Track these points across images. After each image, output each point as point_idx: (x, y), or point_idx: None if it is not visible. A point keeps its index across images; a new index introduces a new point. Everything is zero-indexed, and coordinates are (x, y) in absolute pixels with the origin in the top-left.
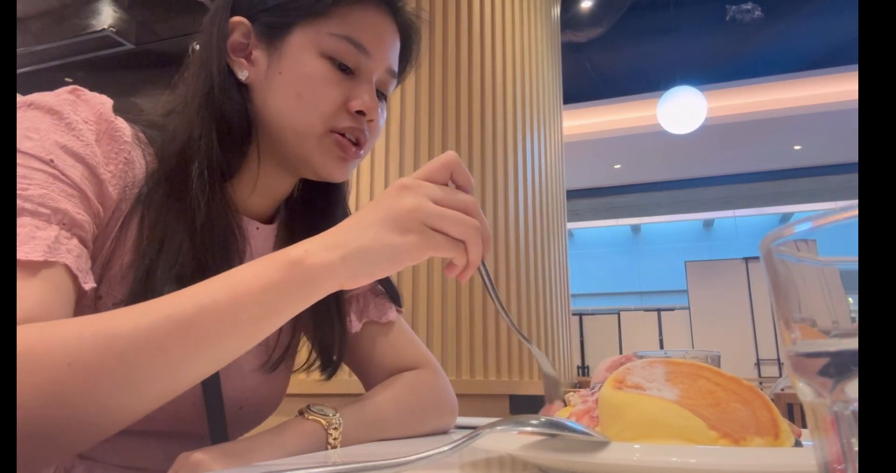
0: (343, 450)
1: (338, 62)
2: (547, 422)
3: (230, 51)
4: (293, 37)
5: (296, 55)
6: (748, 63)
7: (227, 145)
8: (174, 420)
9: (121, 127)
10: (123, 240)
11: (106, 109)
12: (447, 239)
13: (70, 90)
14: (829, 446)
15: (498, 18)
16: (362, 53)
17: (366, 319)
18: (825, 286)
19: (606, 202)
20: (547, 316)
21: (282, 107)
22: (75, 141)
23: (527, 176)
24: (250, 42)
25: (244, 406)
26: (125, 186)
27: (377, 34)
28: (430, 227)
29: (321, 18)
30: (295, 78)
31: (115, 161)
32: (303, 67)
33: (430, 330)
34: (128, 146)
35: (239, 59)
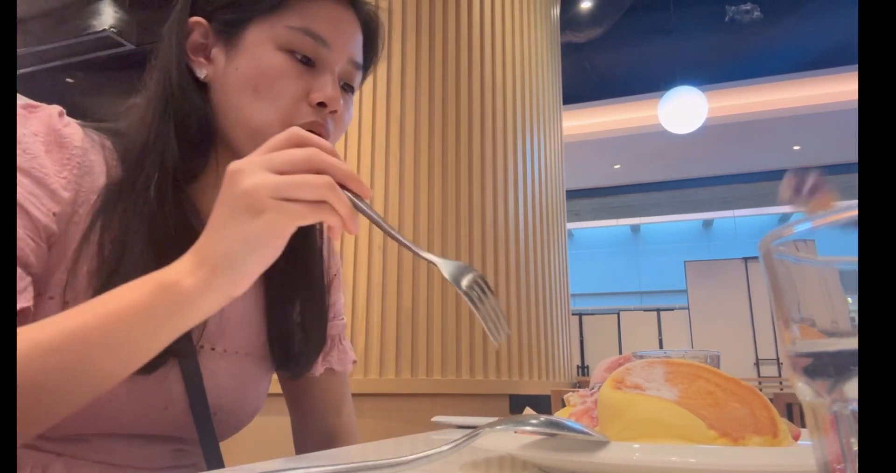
0: (343, 450)
1: (297, 55)
2: (546, 422)
3: (189, 51)
4: (249, 32)
5: (252, 50)
6: (748, 63)
7: (187, 147)
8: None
9: (69, 133)
10: (87, 247)
11: (54, 120)
12: (306, 204)
13: (23, 106)
14: (829, 446)
15: (498, 19)
16: (321, 45)
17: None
18: (824, 286)
19: (606, 202)
20: (547, 316)
21: (239, 103)
22: (21, 155)
23: (527, 176)
24: (209, 41)
25: (217, 412)
26: (81, 191)
27: (335, 24)
28: (282, 199)
29: (277, 12)
30: (251, 72)
31: (67, 167)
32: (259, 62)
33: (430, 330)
34: (79, 150)
35: (198, 58)
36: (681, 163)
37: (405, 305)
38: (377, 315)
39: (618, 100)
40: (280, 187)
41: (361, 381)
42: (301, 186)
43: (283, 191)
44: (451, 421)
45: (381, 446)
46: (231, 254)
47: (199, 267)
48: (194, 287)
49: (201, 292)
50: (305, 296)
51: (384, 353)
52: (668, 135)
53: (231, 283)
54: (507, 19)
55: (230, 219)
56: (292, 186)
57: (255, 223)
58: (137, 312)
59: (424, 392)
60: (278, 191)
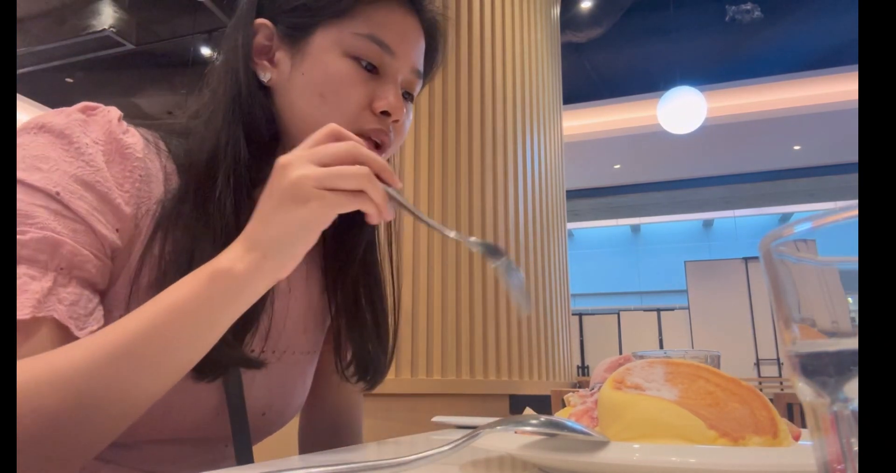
0: (343, 450)
1: (362, 62)
2: (547, 422)
3: (254, 54)
4: (316, 37)
5: (319, 55)
6: (748, 63)
7: (256, 151)
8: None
9: (131, 142)
10: (150, 256)
11: (115, 125)
12: (345, 194)
13: (81, 108)
14: (829, 446)
15: (498, 19)
16: (387, 52)
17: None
18: (825, 286)
19: (606, 202)
20: (547, 316)
21: (305, 108)
22: (85, 168)
23: (527, 176)
24: (273, 44)
25: (266, 412)
26: (142, 203)
27: (401, 33)
28: (324, 189)
29: (344, 18)
30: (318, 78)
31: (129, 180)
32: (326, 67)
33: (430, 330)
34: (141, 162)
35: (262, 61)
36: (681, 163)
37: (405, 305)
38: None
39: (618, 100)
40: (323, 178)
41: None
42: (342, 177)
43: (326, 182)
44: (451, 421)
45: (381, 446)
46: (279, 239)
47: (249, 252)
48: (246, 271)
49: (253, 275)
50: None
51: None
52: (668, 135)
53: (279, 266)
54: (507, 19)
55: (279, 207)
56: (334, 177)
57: (301, 211)
58: (198, 301)
59: (424, 392)
60: (322, 181)
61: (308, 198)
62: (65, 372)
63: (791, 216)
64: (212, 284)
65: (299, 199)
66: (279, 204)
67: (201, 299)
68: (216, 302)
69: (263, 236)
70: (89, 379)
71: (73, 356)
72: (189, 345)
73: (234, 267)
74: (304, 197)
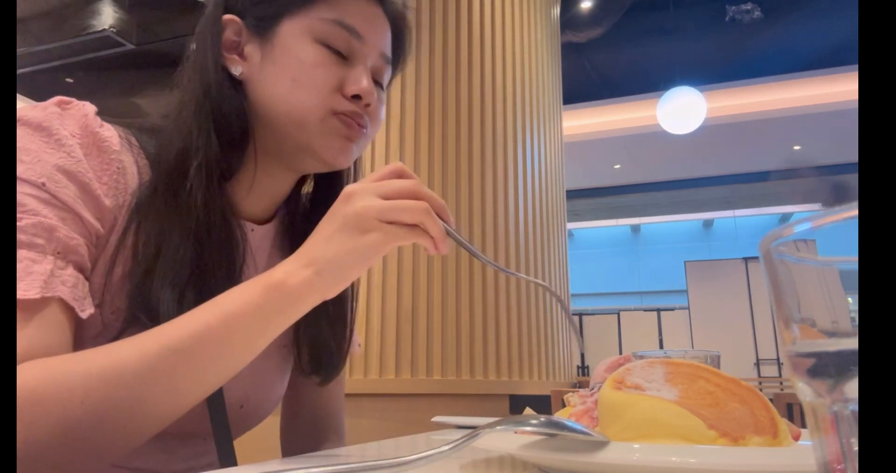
0: (343, 450)
1: (331, 47)
2: (547, 422)
3: (223, 49)
4: (284, 27)
5: (288, 43)
6: (748, 63)
7: (226, 144)
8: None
9: (107, 136)
10: (123, 249)
11: (90, 120)
12: (404, 227)
13: (56, 102)
14: (829, 446)
15: (498, 18)
16: (355, 37)
17: None
18: (825, 286)
19: (606, 202)
20: (547, 316)
21: (278, 94)
22: (66, 158)
23: (527, 176)
24: (242, 39)
25: (244, 404)
26: (119, 195)
27: (367, 18)
28: (385, 222)
29: (310, 6)
30: (289, 64)
31: (107, 172)
32: (296, 53)
33: (430, 330)
34: (117, 155)
35: (232, 56)
36: (681, 163)
37: (405, 305)
38: (377, 315)
39: (618, 100)
40: (385, 210)
41: (361, 381)
42: (403, 211)
43: (388, 215)
44: (451, 421)
45: (381, 446)
46: (336, 262)
47: (305, 268)
48: (299, 285)
49: (305, 291)
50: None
51: (384, 353)
52: (668, 135)
53: (331, 285)
54: (507, 19)
55: (340, 232)
56: (395, 210)
57: (362, 239)
58: (252, 310)
59: (424, 392)
60: (384, 214)
61: (370, 228)
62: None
63: (791, 216)
64: (265, 295)
65: (362, 228)
66: (341, 229)
67: (254, 307)
68: (268, 312)
69: (321, 256)
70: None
71: (123, 352)
72: (238, 351)
73: (287, 280)
74: (366, 226)
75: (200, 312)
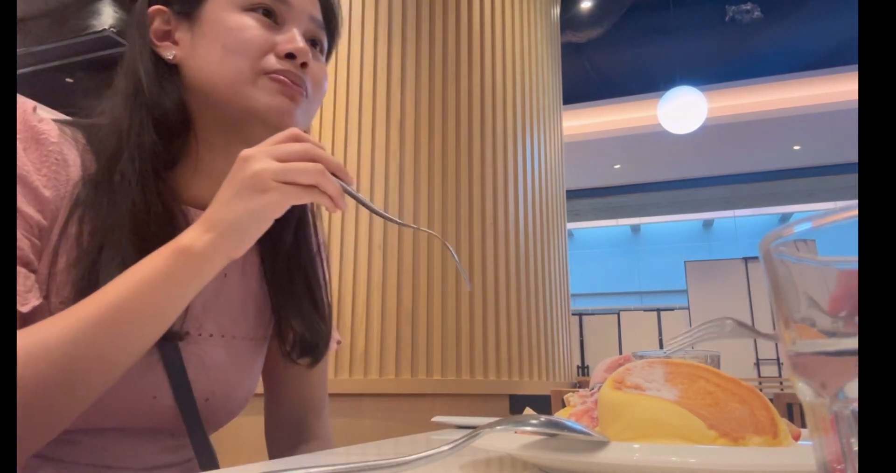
0: (343, 450)
1: (258, 11)
2: (547, 422)
3: (155, 39)
4: (208, 4)
5: (216, 17)
6: (748, 63)
7: (164, 133)
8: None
9: (45, 129)
10: (65, 239)
11: (29, 115)
12: (301, 188)
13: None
14: (829, 446)
15: (498, 18)
16: (281, 2)
17: None
18: (824, 286)
19: (606, 202)
20: (547, 316)
21: (209, 64)
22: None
23: (527, 176)
24: (172, 26)
25: (210, 398)
26: (60, 187)
27: None
28: (282, 182)
29: None
30: (218, 34)
31: (46, 164)
32: (224, 23)
33: (430, 330)
34: (56, 147)
35: (164, 43)
36: (681, 163)
37: (405, 305)
38: (377, 315)
39: (618, 100)
40: (281, 172)
41: (361, 381)
42: (299, 172)
43: (284, 176)
44: (451, 421)
45: (381, 446)
46: (237, 222)
47: (208, 232)
48: (204, 248)
49: (210, 253)
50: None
51: (384, 353)
52: (668, 135)
53: (235, 246)
54: (507, 19)
55: (238, 195)
56: (291, 172)
57: (259, 199)
58: (162, 277)
59: (424, 392)
60: (280, 175)
61: (267, 188)
62: (53, 341)
63: (791, 216)
64: (174, 261)
65: (259, 189)
66: (239, 192)
67: (165, 274)
68: (178, 277)
69: (223, 219)
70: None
71: (56, 326)
72: (156, 316)
73: (193, 244)
74: (263, 187)
75: (114, 284)
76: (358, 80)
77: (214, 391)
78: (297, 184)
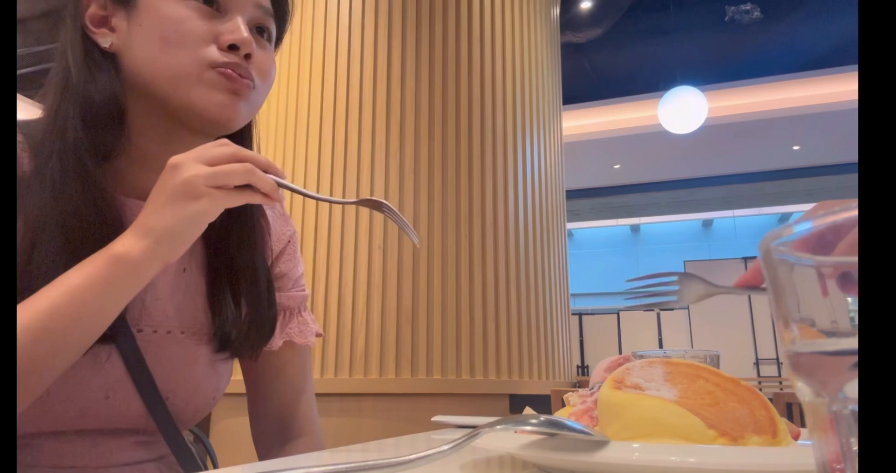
0: (343, 450)
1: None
2: (546, 422)
3: (91, 24)
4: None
5: (152, 4)
6: (748, 63)
7: (93, 126)
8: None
9: None
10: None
11: None
12: (233, 190)
13: None
14: (829, 445)
15: (498, 18)
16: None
17: (285, 338)
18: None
19: (606, 202)
20: (547, 316)
21: (148, 56)
22: None
23: (527, 176)
24: (108, 12)
25: (170, 397)
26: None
27: None
28: (214, 187)
29: None
30: (156, 24)
31: None
32: (160, 11)
33: (430, 330)
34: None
35: (101, 30)
36: (681, 163)
37: (405, 305)
38: (377, 315)
39: (618, 100)
40: (212, 176)
41: (361, 381)
42: (229, 174)
43: (215, 180)
44: (451, 421)
45: (381, 446)
46: (171, 229)
47: (143, 239)
48: (141, 255)
49: (147, 260)
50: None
51: (384, 353)
52: (668, 135)
53: (170, 252)
54: (507, 19)
55: (170, 202)
56: (222, 175)
57: (193, 206)
58: (99, 283)
59: (424, 392)
60: (211, 179)
61: (199, 195)
62: None
63: (791, 216)
64: (110, 268)
65: (191, 196)
66: (170, 199)
67: (100, 281)
68: (114, 284)
69: (156, 226)
70: None
71: None
72: (90, 322)
73: (129, 252)
74: (195, 194)
75: (49, 290)
76: (358, 81)
77: (175, 389)
78: (228, 186)
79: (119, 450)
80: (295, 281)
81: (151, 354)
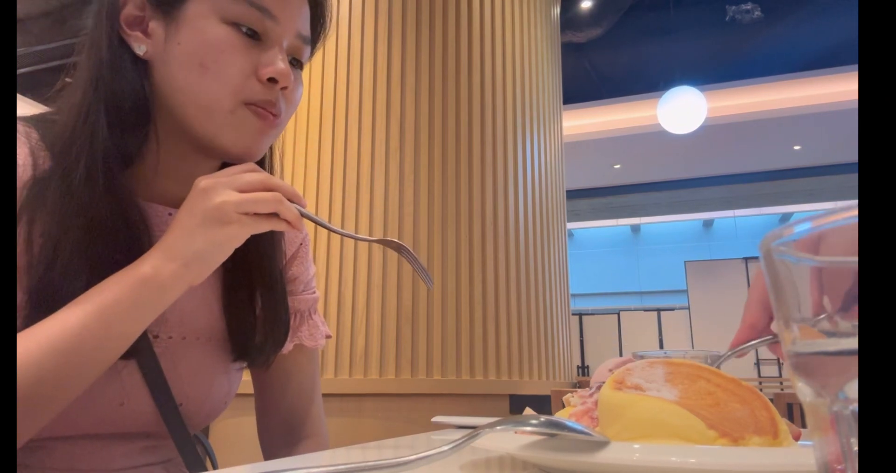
0: (342, 450)
1: (242, 28)
2: (547, 422)
3: (125, 25)
4: (190, 4)
5: (195, 23)
6: (748, 63)
7: (120, 129)
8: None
9: None
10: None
11: None
12: (261, 217)
13: None
14: (829, 446)
15: (498, 18)
16: (268, 17)
17: (296, 341)
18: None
19: (606, 202)
20: (547, 316)
21: (185, 80)
22: None
23: (527, 176)
24: (146, 14)
25: (184, 403)
26: None
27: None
28: (242, 213)
29: None
30: (195, 47)
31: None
32: (203, 35)
33: (430, 330)
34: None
35: (135, 32)
36: (681, 163)
37: (405, 305)
38: (377, 315)
39: (618, 100)
40: (242, 203)
41: (361, 381)
42: (258, 202)
43: (245, 207)
44: (451, 421)
45: (381, 446)
46: (200, 253)
47: (171, 261)
48: (168, 279)
49: (174, 283)
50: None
51: (384, 353)
52: (668, 135)
53: (197, 275)
54: (507, 19)
55: (201, 226)
56: (252, 203)
57: (223, 231)
58: (126, 306)
59: (424, 392)
60: (241, 206)
61: (230, 220)
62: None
63: (791, 216)
64: (138, 289)
65: (221, 221)
66: (202, 223)
67: (128, 302)
68: (140, 305)
69: (187, 249)
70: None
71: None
72: (116, 343)
73: (159, 275)
74: (226, 219)
75: (76, 310)
76: (358, 80)
77: (189, 395)
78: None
79: (128, 454)
80: (306, 284)
81: (167, 360)
